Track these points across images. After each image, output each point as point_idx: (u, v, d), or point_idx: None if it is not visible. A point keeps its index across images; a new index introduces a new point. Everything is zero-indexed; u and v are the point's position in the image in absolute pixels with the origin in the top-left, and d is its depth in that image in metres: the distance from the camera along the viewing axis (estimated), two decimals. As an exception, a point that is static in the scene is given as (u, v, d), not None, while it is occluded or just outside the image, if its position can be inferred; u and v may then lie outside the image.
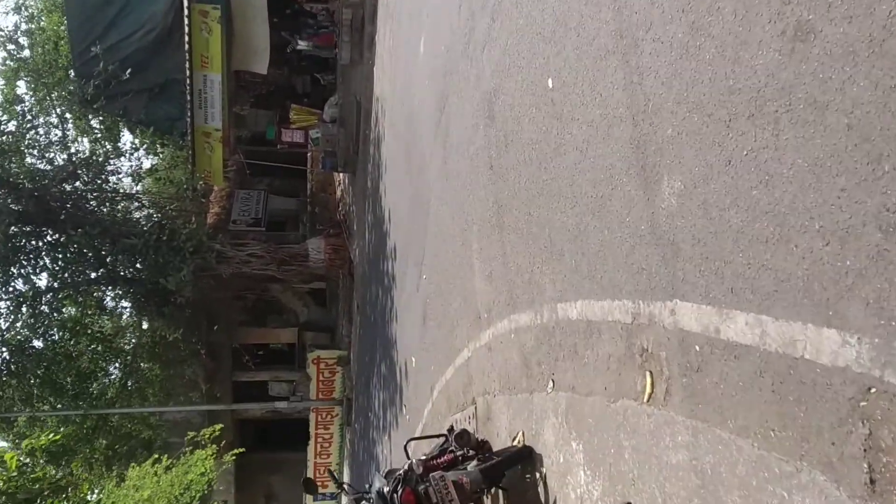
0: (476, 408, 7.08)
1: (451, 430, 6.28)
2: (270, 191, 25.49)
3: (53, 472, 25.68)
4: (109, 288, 19.83)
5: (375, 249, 15.17)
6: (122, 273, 19.15)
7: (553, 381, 5.10)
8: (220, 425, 17.92)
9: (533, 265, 5.46)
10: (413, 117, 10.84)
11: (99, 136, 25.60)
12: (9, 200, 17.64)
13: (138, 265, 18.90)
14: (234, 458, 18.07)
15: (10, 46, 24.68)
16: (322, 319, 24.70)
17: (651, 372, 3.79)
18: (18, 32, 23.78)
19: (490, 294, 6.60)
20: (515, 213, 5.88)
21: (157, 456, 16.67)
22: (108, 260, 18.95)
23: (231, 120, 19.55)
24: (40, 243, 18.69)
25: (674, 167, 3.47)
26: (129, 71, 18.44)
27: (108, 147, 25.30)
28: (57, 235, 18.90)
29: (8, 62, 24.77)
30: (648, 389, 3.83)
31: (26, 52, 24.94)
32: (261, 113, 21.04)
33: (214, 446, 16.61)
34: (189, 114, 18.46)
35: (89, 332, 21.41)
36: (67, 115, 23.82)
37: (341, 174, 21.02)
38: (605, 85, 4.24)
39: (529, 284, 5.55)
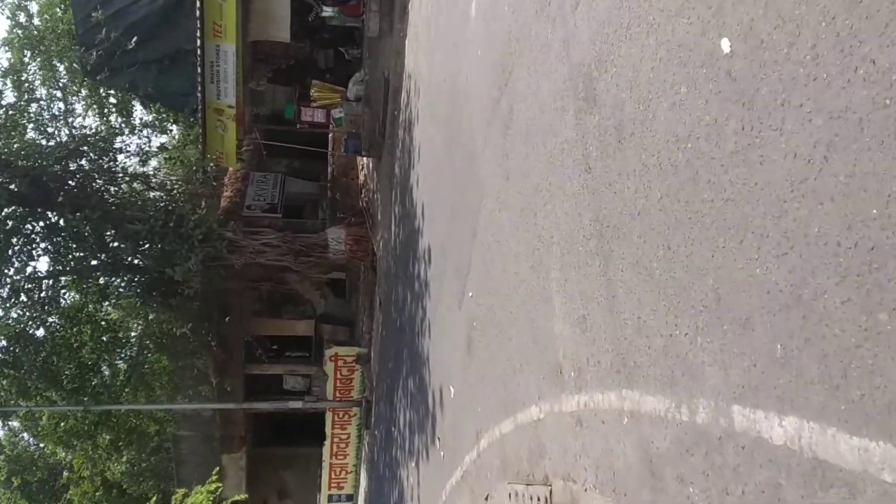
0: (551, 492, 5.17)
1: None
2: (289, 173, 23.60)
3: (63, 454, 24.26)
4: (112, 276, 18.01)
5: (404, 246, 13.25)
6: (125, 261, 17.33)
7: (715, 521, 3.17)
8: (220, 485, 15.91)
9: (676, 328, 3.51)
10: (458, 97, 8.86)
11: (109, 110, 23.85)
12: (1, 179, 15.84)
13: (142, 253, 17.10)
14: None
15: (19, 14, 22.90)
16: (341, 312, 22.85)
17: None
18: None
19: (581, 346, 4.66)
20: (638, 243, 3.92)
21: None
22: (110, 246, 17.14)
23: (246, 96, 17.63)
24: (37, 226, 16.90)
25: None
26: (134, 39, 16.59)
27: (119, 122, 23.56)
28: (55, 218, 17.12)
29: (16, 30, 22.97)
30: None
31: (34, 21, 23.13)
32: (279, 89, 19.08)
33: (217, 485, 14.79)
34: (200, 88, 16.54)
35: (93, 320, 19.71)
36: (74, 87, 22.03)
37: (365, 158, 19.07)
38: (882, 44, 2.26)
39: (666, 356, 3.60)
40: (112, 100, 23.61)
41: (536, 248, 5.62)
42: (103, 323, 19.82)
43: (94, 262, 17.83)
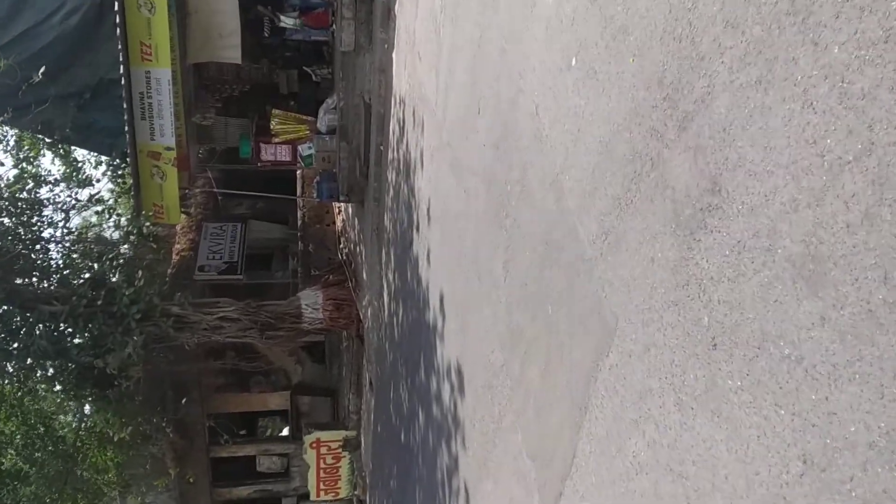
0: None
1: None
2: (252, 215, 19.64)
3: None
4: (32, 365, 13.90)
5: (406, 334, 9.42)
6: (41, 348, 13.24)
7: None
8: None
9: None
10: (515, 140, 5.03)
11: (40, 154, 19.67)
12: None
13: (64, 340, 13.08)
14: None
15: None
16: (320, 380, 18.89)
17: None
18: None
19: None
20: None
21: None
22: (21, 333, 13.05)
23: (190, 133, 13.68)
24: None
25: None
26: (42, 70, 12.62)
27: (57, 168, 19.46)
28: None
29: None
30: None
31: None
32: (232, 122, 15.12)
33: None
34: (128, 127, 12.60)
35: (19, 412, 15.69)
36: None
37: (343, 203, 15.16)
38: None
39: None
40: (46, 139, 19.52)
41: None
42: (30, 417, 15.79)
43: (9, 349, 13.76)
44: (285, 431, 24.53)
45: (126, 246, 14.58)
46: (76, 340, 13.12)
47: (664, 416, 3.09)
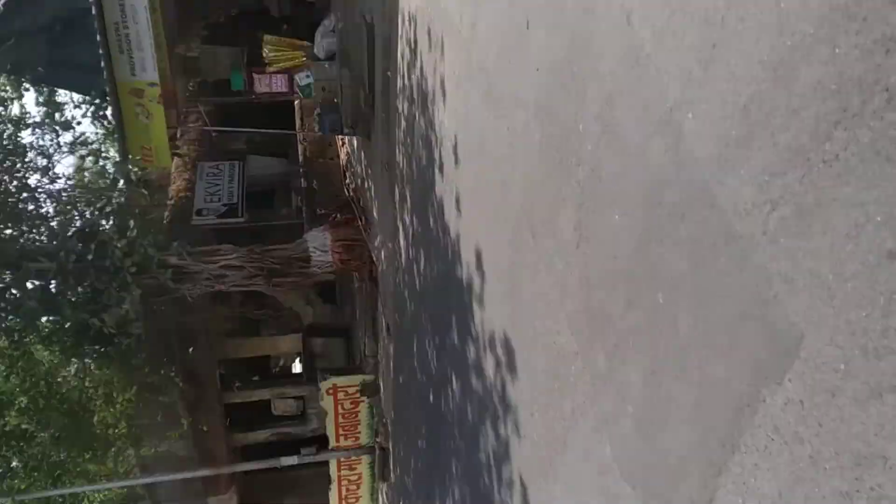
0: None
1: None
2: (249, 150, 18.23)
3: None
4: (19, 326, 12.77)
5: (432, 290, 8.25)
6: (30, 309, 12.08)
7: None
8: None
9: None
10: (590, 57, 3.72)
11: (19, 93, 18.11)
12: None
13: (55, 298, 11.94)
14: None
15: None
16: (333, 320, 17.85)
17: None
18: None
19: None
20: None
21: None
22: (8, 293, 11.90)
23: (176, 67, 12.22)
24: None
25: None
26: (1, 1, 11.18)
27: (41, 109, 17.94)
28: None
29: None
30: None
31: None
32: (221, 52, 13.59)
33: None
34: (104, 64, 11.16)
35: (18, 371, 14.64)
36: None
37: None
38: None
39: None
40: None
41: None
42: (31, 376, 14.77)
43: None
44: (297, 367, 23.77)
45: (116, 193, 13.30)
46: (70, 298, 12.01)
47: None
